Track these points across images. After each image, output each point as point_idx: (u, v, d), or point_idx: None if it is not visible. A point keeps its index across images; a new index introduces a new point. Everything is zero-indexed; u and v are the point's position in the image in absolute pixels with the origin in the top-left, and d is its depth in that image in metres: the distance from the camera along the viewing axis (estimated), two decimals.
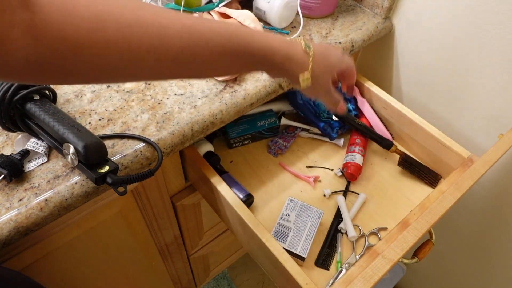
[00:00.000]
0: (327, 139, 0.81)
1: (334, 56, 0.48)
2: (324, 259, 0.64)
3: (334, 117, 0.77)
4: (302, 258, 0.61)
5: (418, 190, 0.73)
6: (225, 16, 0.66)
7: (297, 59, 0.43)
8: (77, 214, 0.59)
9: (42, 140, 0.52)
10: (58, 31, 0.28)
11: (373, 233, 0.67)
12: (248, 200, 0.68)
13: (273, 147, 0.78)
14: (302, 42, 0.44)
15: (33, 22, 0.27)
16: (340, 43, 0.73)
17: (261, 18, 0.76)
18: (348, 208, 0.70)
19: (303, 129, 0.82)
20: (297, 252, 0.61)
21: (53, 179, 0.50)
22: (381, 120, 0.79)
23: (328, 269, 0.63)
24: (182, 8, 0.65)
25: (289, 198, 0.67)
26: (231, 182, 0.68)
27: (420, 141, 0.74)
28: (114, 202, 0.65)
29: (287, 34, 0.74)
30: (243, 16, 0.65)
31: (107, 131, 0.56)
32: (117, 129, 0.56)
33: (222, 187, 0.60)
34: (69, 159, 0.47)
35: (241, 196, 0.67)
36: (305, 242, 0.62)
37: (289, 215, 0.65)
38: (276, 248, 0.54)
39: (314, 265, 0.64)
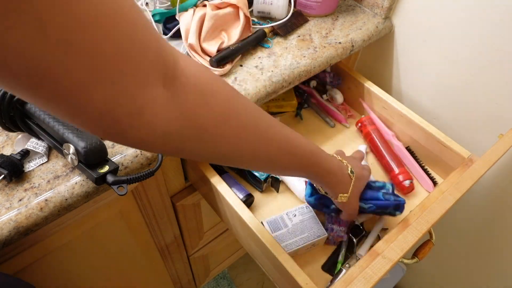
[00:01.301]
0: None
1: (365, 180, 0.59)
2: (332, 265, 0.64)
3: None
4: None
5: (418, 190, 0.73)
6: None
7: (343, 183, 0.54)
8: (77, 214, 0.59)
9: (42, 140, 0.52)
10: (191, 116, 0.32)
11: None
12: (248, 200, 0.67)
13: None
14: (349, 169, 0.54)
15: (170, 103, 0.29)
16: (340, 43, 0.73)
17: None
18: None
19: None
20: (281, 245, 0.60)
21: (53, 179, 0.50)
22: (420, 165, 0.75)
23: (332, 276, 0.63)
24: (178, 4, 0.65)
25: (306, 204, 0.66)
26: (231, 182, 0.68)
27: (420, 141, 0.74)
28: (114, 202, 0.65)
29: None
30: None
31: None
32: None
33: (222, 187, 0.60)
34: (69, 159, 0.47)
35: (241, 196, 0.66)
36: (291, 244, 0.61)
37: (295, 216, 0.64)
38: (276, 248, 0.54)
39: (319, 268, 0.64)
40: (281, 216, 0.64)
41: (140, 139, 0.29)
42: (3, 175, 0.48)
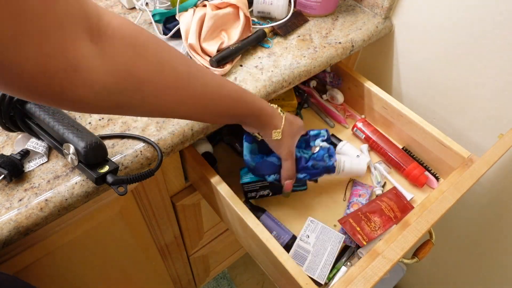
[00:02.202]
0: None
1: (297, 125, 0.61)
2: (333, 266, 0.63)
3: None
4: (319, 284, 0.59)
5: (418, 191, 0.73)
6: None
7: (275, 119, 0.56)
8: (77, 214, 0.59)
9: (42, 140, 0.52)
10: (126, 68, 0.32)
11: None
12: (293, 243, 0.64)
13: None
14: (279, 109, 0.57)
15: (101, 56, 0.30)
16: (340, 43, 0.73)
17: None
18: None
19: None
20: (314, 277, 0.59)
21: (53, 179, 0.50)
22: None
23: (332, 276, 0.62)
24: (178, 5, 0.65)
25: (309, 219, 0.65)
26: (272, 224, 0.66)
27: (420, 141, 0.74)
28: (114, 202, 0.65)
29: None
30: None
31: (107, 131, 0.56)
32: (117, 129, 0.56)
33: (222, 187, 0.60)
34: (69, 159, 0.47)
35: (287, 239, 0.64)
36: (323, 267, 0.60)
37: (308, 237, 0.63)
38: (276, 248, 0.54)
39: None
40: (297, 244, 0.62)
41: (80, 96, 0.30)
42: (3, 175, 0.48)
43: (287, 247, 0.63)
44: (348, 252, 0.64)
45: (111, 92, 0.32)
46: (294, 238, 0.64)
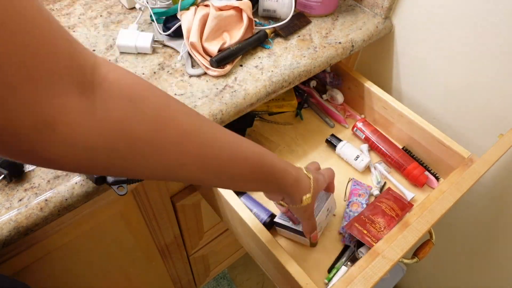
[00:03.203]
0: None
1: (322, 181, 0.54)
2: (333, 267, 0.64)
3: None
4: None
5: (418, 191, 0.73)
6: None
7: (304, 182, 0.50)
8: (77, 214, 0.59)
9: None
10: (120, 125, 0.28)
11: None
12: (271, 221, 0.65)
13: None
14: (304, 170, 0.51)
15: (91, 111, 0.26)
16: (340, 43, 0.73)
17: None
18: None
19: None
20: (300, 229, 0.60)
21: (53, 179, 0.50)
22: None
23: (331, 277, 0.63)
24: (180, 4, 0.65)
25: None
26: (252, 203, 0.67)
27: (420, 141, 0.74)
28: (114, 202, 0.65)
29: None
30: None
31: None
32: None
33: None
34: None
35: (265, 217, 0.65)
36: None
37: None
38: (276, 248, 0.54)
39: (319, 268, 0.64)
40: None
41: (58, 156, 0.25)
42: (3, 175, 0.48)
43: (266, 225, 0.64)
44: (348, 252, 0.64)
45: (99, 153, 0.27)
46: (272, 216, 0.66)
